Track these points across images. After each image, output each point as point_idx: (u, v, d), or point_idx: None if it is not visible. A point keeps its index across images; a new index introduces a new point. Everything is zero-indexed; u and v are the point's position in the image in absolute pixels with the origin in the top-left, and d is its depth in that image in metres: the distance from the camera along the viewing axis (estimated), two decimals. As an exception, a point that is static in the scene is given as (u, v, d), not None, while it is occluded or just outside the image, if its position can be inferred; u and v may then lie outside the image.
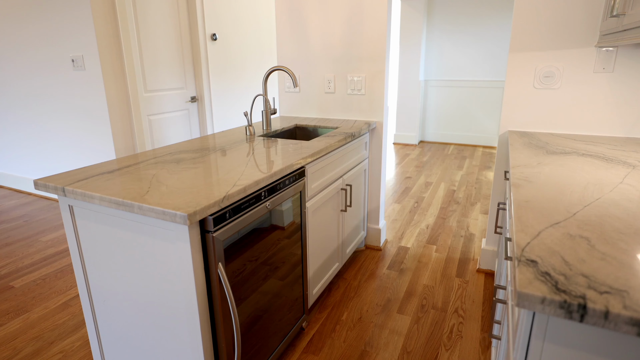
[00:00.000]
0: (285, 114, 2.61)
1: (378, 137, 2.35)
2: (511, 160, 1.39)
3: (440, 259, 2.42)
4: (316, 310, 1.95)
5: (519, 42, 1.90)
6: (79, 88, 2.90)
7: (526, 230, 0.83)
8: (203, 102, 3.57)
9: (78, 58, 2.80)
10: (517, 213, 0.92)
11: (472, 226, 2.90)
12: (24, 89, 3.28)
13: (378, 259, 2.43)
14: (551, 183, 1.13)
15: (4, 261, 2.45)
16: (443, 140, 5.82)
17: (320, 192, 1.76)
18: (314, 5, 2.30)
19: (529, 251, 0.74)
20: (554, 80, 1.89)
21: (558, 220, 0.88)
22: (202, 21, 3.38)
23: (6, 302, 2.04)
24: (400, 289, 2.12)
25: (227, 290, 1.12)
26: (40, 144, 3.39)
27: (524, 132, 1.93)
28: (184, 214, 0.97)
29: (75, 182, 1.22)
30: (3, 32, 3.22)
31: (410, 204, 3.36)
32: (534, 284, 0.63)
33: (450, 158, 4.92)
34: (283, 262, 1.51)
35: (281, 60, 2.49)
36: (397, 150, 5.37)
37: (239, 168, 1.36)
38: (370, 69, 2.26)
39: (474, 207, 3.27)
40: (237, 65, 3.86)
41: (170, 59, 3.24)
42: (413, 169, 4.41)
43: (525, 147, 1.61)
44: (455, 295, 2.06)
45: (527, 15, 1.85)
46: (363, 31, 2.21)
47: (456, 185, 3.83)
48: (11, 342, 1.76)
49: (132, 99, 2.96)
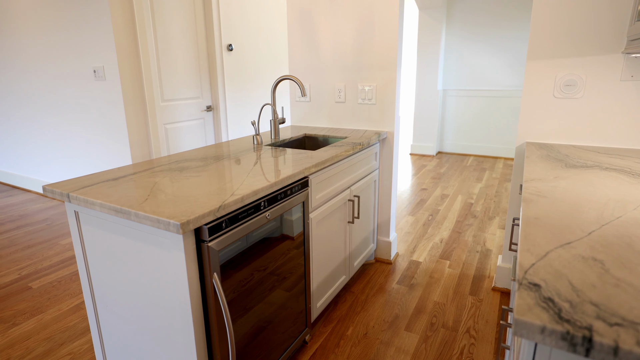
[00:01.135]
0: (296, 123, 2.60)
1: (389, 148, 2.30)
2: (525, 174, 1.32)
3: (453, 275, 2.33)
4: (321, 324, 1.89)
5: (538, 50, 1.82)
6: (99, 97, 2.98)
7: (532, 250, 0.77)
8: (218, 111, 3.61)
9: (99, 69, 2.88)
10: (524, 231, 0.86)
11: (489, 241, 2.78)
12: (50, 97, 3.40)
13: (388, 272, 2.36)
14: (567, 199, 1.06)
15: (25, 262, 2.51)
16: (462, 151, 5.68)
17: (325, 203, 1.72)
18: (325, 14, 2.29)
19: (533, 273, 0.68)
20: (576, 89, 1.80)
21: (570, 240, 0.81)
22: (218, 32, 3.43)
23: (24, 302, 2.09)
24: (409, 305, 2.04)
25: (221, 301, 1.09)
26: (64, 150, 3.50)
27: (543, 144, 1.84)
28: (177, 222, 0.95)
29: (80, 189, 1.23)
30: (32, 44, 3.36)
31: (425, 216, 3.27)
32: (534, 310, 0.57)
33: (469, 170, 4.79)
34: (285, 274, 1.47)
35: (292, 69, 2.49)
36: (414, 161, 5.28)
37: (240, 177, 1.34)
38: (381, 78, 2.22)
39: (492, 221, 3.15)
40: (252, 75, 3.90)
41: (187, 70, 3.30)
42: (429, 181, 4.31)
43: (542, 159, 1.53)
44: (468, 314, 1.96)
45: (546, 21, 1.78)
46: (374, 40, 2.18)
47: (474, 198, 3.71)
48: (25, 342, 1.78)
49: (149, 108, 3.02)
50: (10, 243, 2.78)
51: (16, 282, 2.27)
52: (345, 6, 2.21)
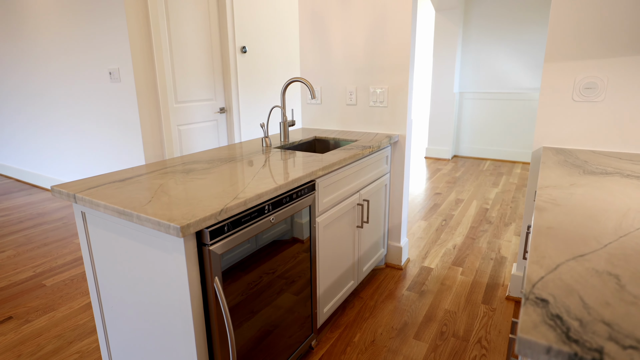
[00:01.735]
0: (307, 126, 2.58)
1: (400, 151, 2.26)
2: (540, 180, 1.27)
3: (465, 283, 2.27)
4: (328, 329, 1.86)
5: (556, 51, 1.76)
6: (115, 98, 3.03)
7: (542, 262, 0.72)
8: (231, 113, 3.63)
9: (115, 70, 2.93)
10: (535, 241, 0.81)
11: (504, 249, 2.70)
12: (68, 99, 3.48)
13: (398, 278, 2.31)
14: (583, 207, 1.00)
15: (40, 260, 2.57)
16: (478, 155, 5.56)
17: (333, 207, 1.69)
18: (336, 16, 2.27)
19: (541, 288, 0.64)
20: (597, 91, 1.73)
21: (584, 252, 0.76)
22: (232, 34, 3.46)
23: (37, 299, 2.13)
24: (419, 312, 1.99)
25: (222, 306, 1.08)
26: (81, 150, 3.58)
27: (560, 149, 1.77)
28: (177, 225, 0.94)
29: (86, 190, 1.24)
30: (50, 46, 3.45)
31: (438, 221, 3.20)
32: (540, 328, 0.53)
33: (485, 174, 4.68)
34: (291, 278, 1.45)
35: (304, 71, 2.47)
36: (429, 165, 5.19)
37: (245, 180, 1.33)
38: (393, 81, 2.18)
39: (508, 228, 3.06)
40: (265, 77, 3.91)
41: (200, 72, 3.33)
42: (444, 185, 4.23)
43: (559, 165, 1.47)
44: (480, 323, 1.90)
45: (565, 20, 1.72)
46: (386, 42, 2.15)
47: (489, 204, 3.62)
48: (36, 339, 1.82)
49: (163, 109, 3.06)
50: (27, 241, 2.85)
51: (31, 279, 2.32)
52: (357, 8, 2.19)
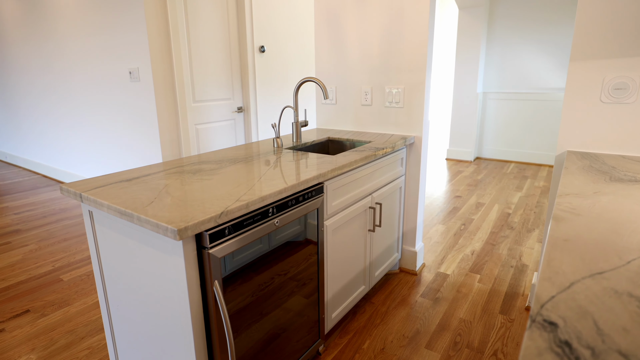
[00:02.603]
0: (321, 126, 2.54)
1: (416, 153, 2.19)
2: (560, 187, 1.18)
3: (482, 291, 2.18)
4: (337, 335, 1.83)
5: (583, 49, 1.65)
6: (134, 97, 3.09)
7: (554, 279, 0.66)
8: (249, 112, 3.64)
9: (134, 70, 2.99)
10: (548, 255, 0.75)
11: (526, 256, 2.58)
12: (91, 97, 3.58)
13: (412, 284, 2.25)
14: (606, 218, 0.92)
15: (60, 255, 2.64)
16: (502, 157, 5.38)
17: (343, 210, 1.65)
18: (352, 15, 2.22)
19: (551, 309, 0.58)
20: (628, 92, 1.61)
21: (603, 269, 0.70)
22: (250, 34, 3.46)
23: (54, 294, 2.18)
24: (432, 320, 1.92)
25: (222, 310, 1.06)
26: (101, 148, 3.67)
27: (586, 153, 1.66)
28: (175, 228, 0.93)
29: (92, 189, 1.25)
30: (74, 46, 3.55)
31: (457, 225, 3.10)
32: (545, 357, 0.48)
33: (508, 177, 4.51)
34: (297, 282, 1.42)
35: (319, 70, 2.44)
36: (450, 167, 5.06)
37: (250, 182, 1.30)
38: (409, 81, 2.12)
39: (531, 234, 2.93)
40: (283, 76, 3.90)
41: (219, 71, 3.35)
42: (464, 188, 4.11)
43: (583, 171, 1.37)
44: (496, 334, 1.81)
45: (593, 16, 1.61)
46: (402, 41, 2.08)
47: (512, 208, 3.48)
48: (50, 333, 1.86)
49: (181, 109, 3.09)
50: (49, 235, 2.94)
51: (50, 273, 2.39)
52: (373, 6, 2.14)
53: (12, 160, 5.28)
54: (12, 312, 2.01)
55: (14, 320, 1.95)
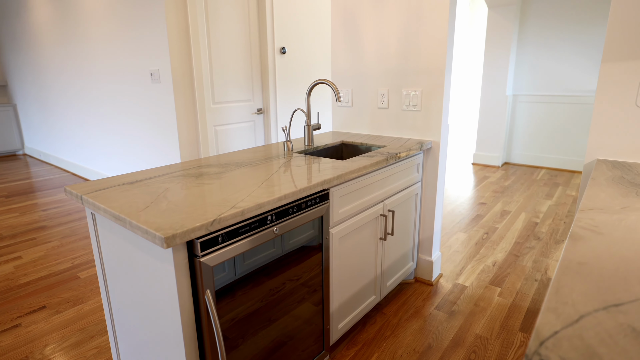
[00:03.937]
0: (337, 129, 2.49)
1: (434, 159, 2.09)
2: (584, 200, 1.08)
3: (502, 306, 2.05)
4: (344, 346, 1.76)
5: (616, 49, 1.51)
6: (155, 99, 3.15)
7: (561, 310, 0.58)
8: (269, 114, 3.63)
9: (155, 72, 3.04)
10: (558, 280, 0.66)
11: (552, 269, 2.42)
12: (117, 99, 3.69)
13: (427, 295, 2.15)
14: (632, 239, 0.82)
15: (79, 252, 2.72)
16: (532, 163, 5.12)
17: (351, 218, 1.59)
18: (369, 16, 2.15)
19: (551, 347, 0.50)
20: (668, 97, 1.46)
21: (620, 300, 0.61)
22: (271, 35, 3.45)
23: (70, 291, 2.24)
24: (446, 335, 1.82)
25: (214, 320, 1.03)
26: (126, 148, 3.77)
27: (618, 163, 1.52)
28: (162, 236, 0.90)
29: (93, 192, 1.25)
30: (98, 49, 3.67)
31: (479, 234, 2.96)
32: (535, 412, 0.41)
33: (538, 184, 4.29)
34: (301, 292, 1.37)
35: (335, 72, 2.39)
36: (476, 172, 4.87)
37: (250, 188, 1.27)
38: (427, 83, 2.03)
39: (559, 245, 2.75)
40: (303, 78, 3.87)
41: (239, 73, 3.36)
42: (490, 194, 3.93)
43: (612, 182, 1.25)
44: (515, 354, 1.70)
45: (627, 15, 1.47)
46: (421, 42, 2.00)
47: (540, 217, 3.29)
48: (62, 330, 1.90)
49: (200, 110, 3.12)
50: (71, 233, 3.04)
51: (68, 270, 2.45)
52: (390, 6, 2.06)
53: (46, 159, 5.54)
54: (30, 307, 2.08)
55: (31, 315, 2.01)
